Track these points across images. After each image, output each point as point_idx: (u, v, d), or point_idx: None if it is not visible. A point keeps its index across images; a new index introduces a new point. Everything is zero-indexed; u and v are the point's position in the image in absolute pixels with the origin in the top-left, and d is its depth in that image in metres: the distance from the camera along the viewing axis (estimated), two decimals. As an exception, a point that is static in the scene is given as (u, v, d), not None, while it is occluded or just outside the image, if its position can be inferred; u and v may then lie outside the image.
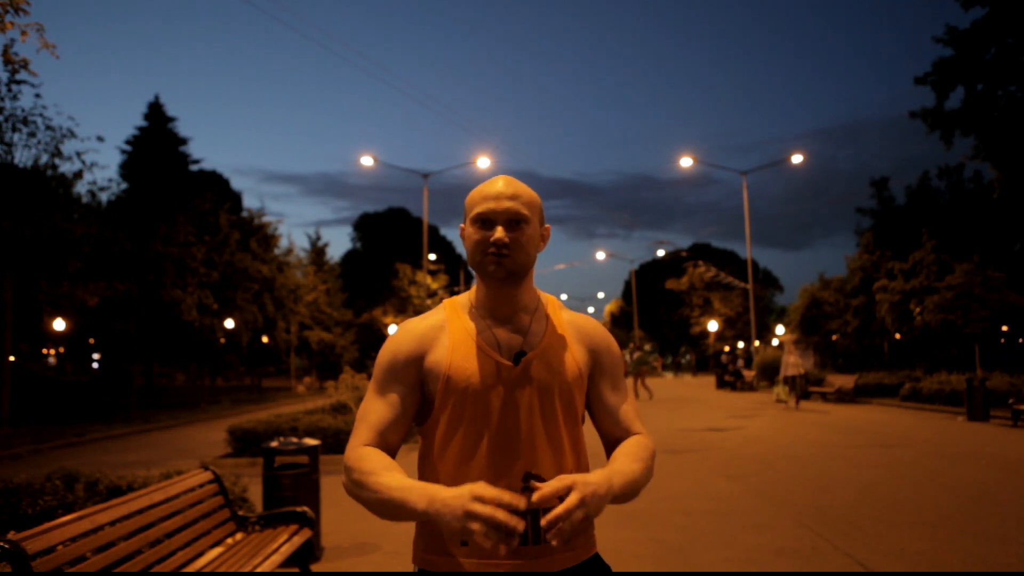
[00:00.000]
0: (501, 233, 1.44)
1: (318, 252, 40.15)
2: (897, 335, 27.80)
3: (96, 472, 4.65)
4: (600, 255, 73.25)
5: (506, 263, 1.45)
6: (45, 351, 41.06)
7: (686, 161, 28.63)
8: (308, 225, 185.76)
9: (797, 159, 27.66)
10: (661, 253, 51.99)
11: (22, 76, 13.20)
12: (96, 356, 38.36)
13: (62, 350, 36.39)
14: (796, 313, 33.63)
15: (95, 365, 40.91)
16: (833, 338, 32.70)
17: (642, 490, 1.46)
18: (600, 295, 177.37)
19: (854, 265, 29.80)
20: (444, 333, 1.50)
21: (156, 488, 3.62)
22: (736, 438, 11.71)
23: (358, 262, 54.18)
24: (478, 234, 1.46)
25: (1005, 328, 24.77)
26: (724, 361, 30.18)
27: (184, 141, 34.11)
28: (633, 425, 1.56)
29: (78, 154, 14.86)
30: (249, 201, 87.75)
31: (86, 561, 2.92)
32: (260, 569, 3.48)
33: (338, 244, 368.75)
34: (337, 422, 9.97)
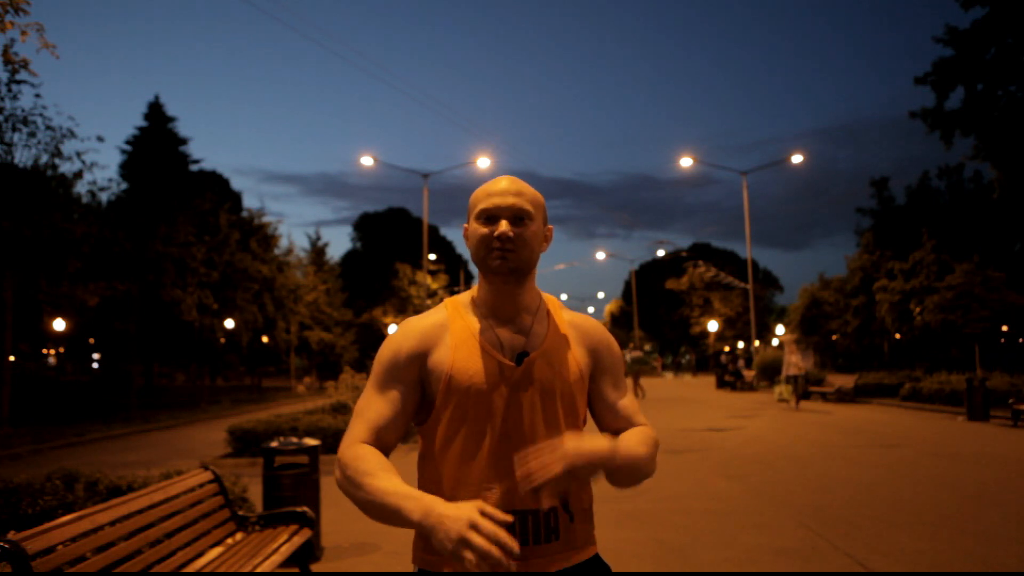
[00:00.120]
0: (506, 227, 1.44)
1: (318, 252, 40.17)
2: (897, 335, 27.80)
3: (96, 472, 4.64)
4: (600, 255, 73.39)
5: (510, 258, 1.44)
6: (45, 351, 41.08)
7: (686, 161, 28.64)
8: (308, 225, 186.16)
9: (797, 159, 27.67)
10: (661, 253, 52.04)
11: (22, 76, 13.23)
12: (96, 356, 38.36)
13: (62, 350, 36.39)
14: (796, 313, 33.62)
15: (95, 365, 40.90)
16: (833, 338, 32.69)
17: (644, 477, 1.44)
18: (600, 295, 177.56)
19: (854, 265, 29.80)
20: (446, 332, 1.49)
21: (156, 488, 3.62)
22: (736, 438, 11.71)
23: (358, 262, 54.19)
24: (483, 229, 1.46)
25: (1005, 328, 24.77)
26: (724, 361, 30.15)
27: (184, 141, 34.12)
28: (635, 418, 1.56)
29: (78, 154, 14.88)
30: (249, 201, 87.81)
31: (86, 561, 2.92)
32: (260, 569, 3.48)
33: (338, 244, 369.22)
34: (337, 422, 9.98)
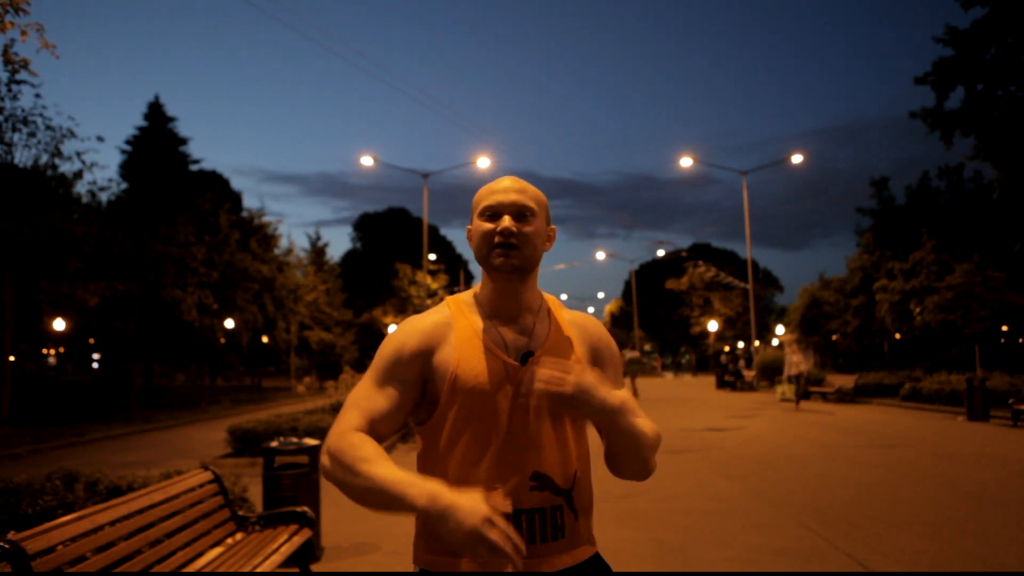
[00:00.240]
0: (508, 222, 1.44)
1: (318, 252, 40.18)
2: (897, 335, 27.80)
3: (96, 472, 4.64)
4: (600, 255, 73.37)
5: (513, 255, 1.44)
6: (45, 351, 41.09)
7: (686, 161, 28.64)
8: (308, 225, 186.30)
9: (797, 159, 27.67)
10: (661, 253, 52.04)
11: (22, 76, 13.20)
12: (96, 356, 38.38)
13: (62, 350, 36.42)
14: (796, 313, 33.63)
15: (95, 365, 40.93)
16: (833, 338, 32.70)
17: (640, 459, 1.44)
18: (600, 295, 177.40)
19: (854, 265, 29.81)
20: (450, 331, 1.49)
21: (156, 488, 3.62)
22: (736, 438, 11.71)
23: (358, 262, 54.21)
24: (486, 226, 1.47)
25: (1005, 328, 24.78)
26: (724, 361, 30.15)
27: (184, 141, 34.16)
28: (636, 411, 1.54)
29: (78, 154, 14.88)
30: (249, 201, 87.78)
31: (86, 561, 2.92)
32: (260, 569, 3.48)
33: (338, 244, 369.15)
34: (337, 422, 9.96)
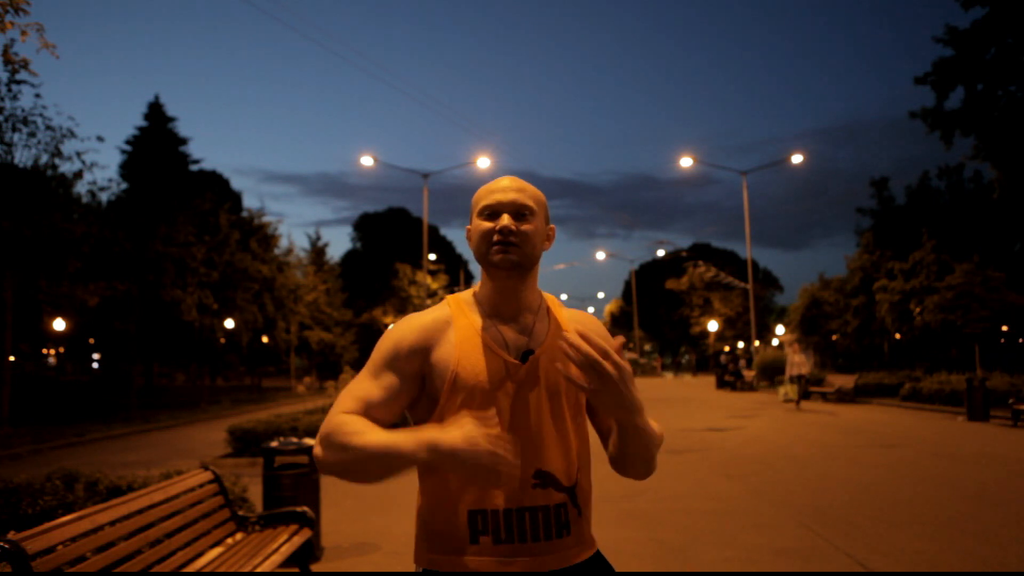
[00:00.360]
0: (508, 220, 1.45)
1: (318, 252, 40.17)
2: (897, 335, 27.80)
3: (96, 472, 4.64)
4: (600, 255, 73.56)
5: (513, 252, 1.44)
6: (45, 351, 41.08)
7: (686, 161, 28.64)
8: (308, 225, 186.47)
9: (797, 159, 27.67)
10: (661, 253, 52.07)
11: (22, 76, 13.21)
12: (96, 356, 38.37)
13: (62, 350, 36.40)
14: (796, 313, 33.64)
15: (95, 365, 40.92)
16: (833, 338, 32.70)
17: (647, 458, 1.41)
18: (600, 295, 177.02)
19: (854, 265, 29.80)
20: (450, 328, 1.49)
21: (156, 488, 3.62)
22: (736, 438, 11.71)
23: (358, 262, 54.20)
24: (485, 225, 1.47)
25: (1005, 328, 24.77)
26: (724, 361, 30.14)
27: (184, 141, 34.18)
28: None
29: (78, 154, 14.88)
30: (249, 201, 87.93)
31: (86, 561, 2.92)
32: (260, 569, 3.48)
33: (338, 244, 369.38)
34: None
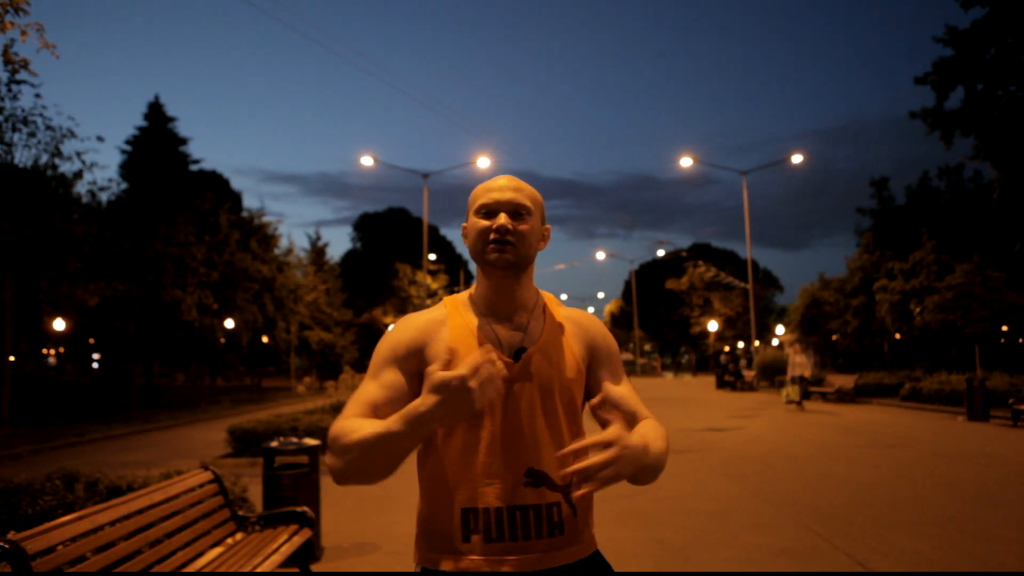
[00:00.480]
0: (504, 219, 1.46)
1: (318, 252, 40.17)
2: (897, 335, 27.80)
3: (96, 472, 4.64)
4: (600, 255, 73.49)
5: (508, 251, 1.46)
6: (45, 351, 41.09)
7: (686, 161, 28.64)
8: (308, 225, 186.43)
9: (797, 159, 27.67)
10: (661, 253, 52.06)
11: (22, 76, 13.20)
12: (96, 356, 38.36)
13: (62, 350, 36.38)
14: (796, 313, 33.64)
15: (95, 365, 40.91)
16: (833, 338, 32.70)
17: (656, 474, 1.39)
18: (600, 295, 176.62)
19: (854, 265, 29.80)
20: (444, 328, 1.50)
21: (156, 488, 3.62)
22: (736, 438, 11.71)
23: (358, 262, 54.20)
24: (481, 223, 1.48)
25: (1005, 328, 24.75)
26: (724, 361, 30.14)
27: (184, 141, 34.18)
28: (640, 410, 1.52)
29: (78, 154, 14.87)
30: (249, 201, 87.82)
31: (86, 561, 2.92)
32: (260, 569, 3.48)
33: (338, 244, 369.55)
34: (337, 422, 9.96)
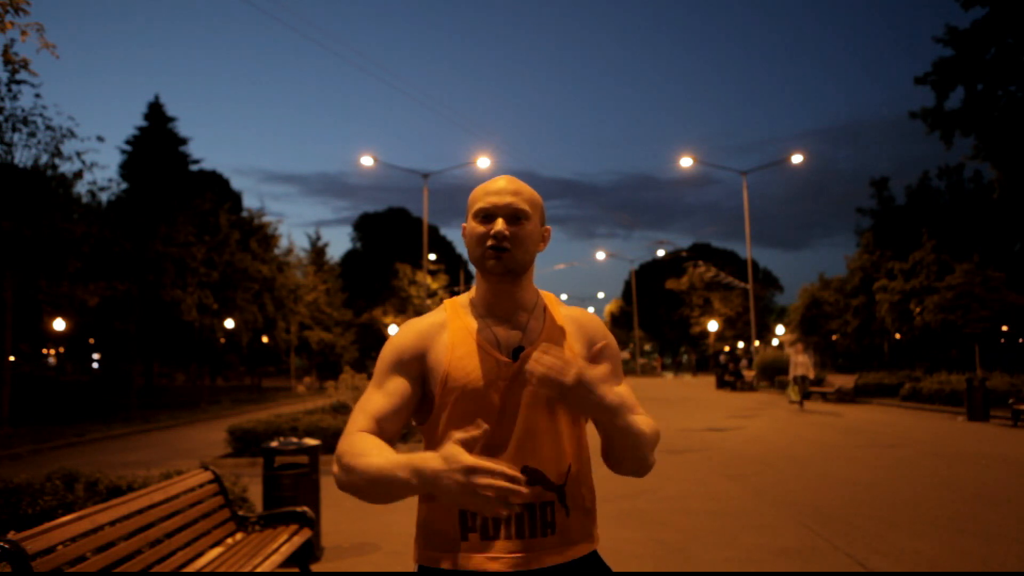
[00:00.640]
0: (501, 225, 1.46)
1: (318, 252, 40.15)
2: (897, 335, 27.79)
3: (96, 472, 4.64)
4: (600, 255, 73.52)
5: (505, 258, 1.46)
6: (45, 351, 41.04)
7: (686, 161, 28.64)
8: (308, 225, 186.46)
9: (797, 159, 27.67)
10: (661, 253, 52.05)
11: (22, 76, 13.22)
12: (96, 356, 38.35)
13: (62, 350, 36.35)
14: (796, 313, 33.60)
15: (95, 365, 40.89)
16: (833, 338, 32.67)
17: (639, 459, 1.43)
18: (600, 295, 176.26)
19: (854, 265, 29.79)
20: (444, 331, 1.51)
21: (156, 488, 3.62)
22: (736, 438, 11.71)
23: (358, 262, 54.17)
24: (479, 228, 1.48)
25: (1005, 328, 24.74)
26: (724, 361, 30.13)
27: (184, 141, 34.18)
28: (635, 409, 1.52)
29: (78, 154, 14.89)
30: (249, 201, 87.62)
31: (86, 561, 2.92)
32: (260, 569, 3.48)
33: (338, 244, 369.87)
34: (337, 422, 9.98)
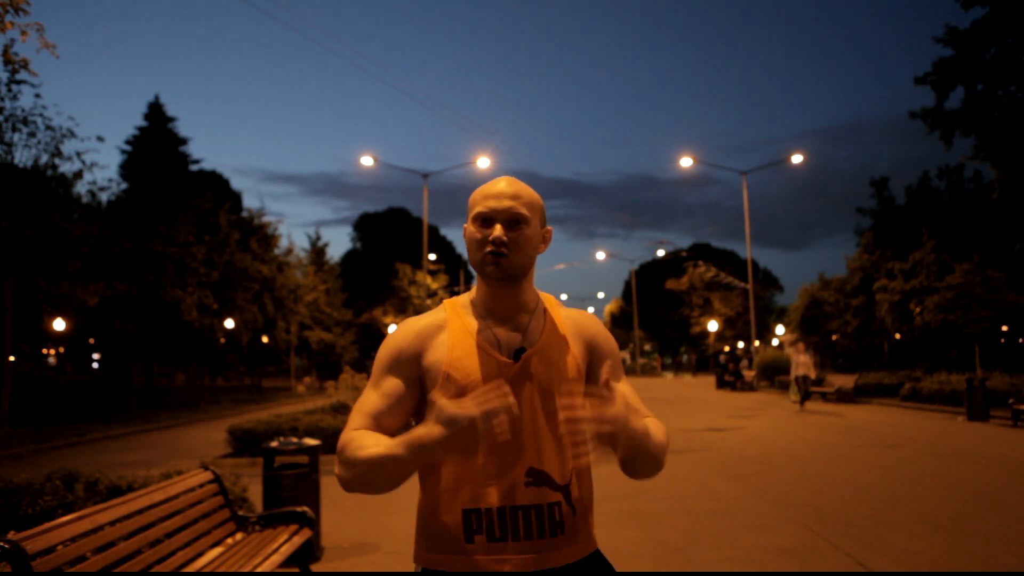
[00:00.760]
0: (500, 231, 1.45)
1: (318, 252, 40.12)
2: (897, 335, 27.79)
3: (96, 472, 4.64)
4: (600, 255, 73.50)
5: (504, 263, 1.45)
6: (45, 351, 41.05)
7: (686, 161, 28.63)
8: (308, 225, 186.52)
9: (797, 159, 27.66)
10: (661, 253, 52.06)
11: (22, 76, 13.20)
12: (96, 356, 38.35)
13: (62, 350, 36.36)
14: (796, 313, 33.60)
15: (95, 365, 40.89)
16: (833, 338, 32.67)
17: (657, 469, 1.46)
18: (600, 295, 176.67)
19: (854, 265, 29.78)
20: (444, 331, 1.51)
21: (156, 488, 3.62)
22: (736, 438, 11.71)
23: (358, 262, 54.15)
24: (478, 233, 1.48)
25: (1005, 328, 24.76)
26: (724, 361, 30.12)
27: (184, 141, 34.18)
28: (640, 409, 1.51)
29: (78, 154, 14.87)
30: (249, 201, 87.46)
31: (86, 561, 2.92)
32: (260, 569, 3.48)
33: (338, 244, 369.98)
34: (337, 422, 9.98)
